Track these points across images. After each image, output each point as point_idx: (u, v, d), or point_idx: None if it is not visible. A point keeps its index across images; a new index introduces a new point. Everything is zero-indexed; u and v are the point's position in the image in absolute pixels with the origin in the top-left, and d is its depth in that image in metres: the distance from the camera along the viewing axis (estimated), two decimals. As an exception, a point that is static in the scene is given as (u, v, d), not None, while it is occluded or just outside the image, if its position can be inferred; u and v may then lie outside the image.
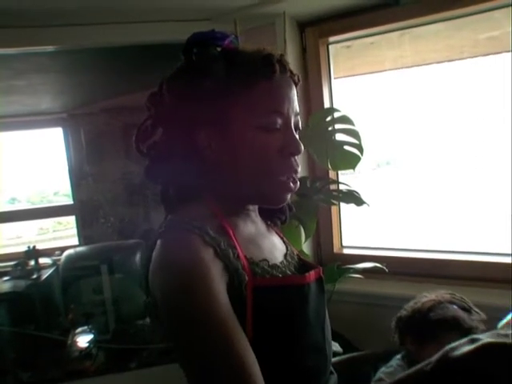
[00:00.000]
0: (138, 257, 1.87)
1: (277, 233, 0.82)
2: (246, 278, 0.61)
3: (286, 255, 0.75)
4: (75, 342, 1.81)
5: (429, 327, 1.07)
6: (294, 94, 0.69)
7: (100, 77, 2.00)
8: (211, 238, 0.60)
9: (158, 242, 0.62)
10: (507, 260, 1.46)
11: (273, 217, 0.80)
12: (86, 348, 1.76)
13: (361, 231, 2.09)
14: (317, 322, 0.69)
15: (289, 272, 0.70)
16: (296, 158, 0.68)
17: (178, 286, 0.57)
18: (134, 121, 2.48)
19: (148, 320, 1.85)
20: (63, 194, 2.86)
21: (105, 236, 2.37)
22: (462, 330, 1.03)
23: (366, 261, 1.47)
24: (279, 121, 0.66)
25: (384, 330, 1.22)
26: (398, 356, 1.15)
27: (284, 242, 0.81)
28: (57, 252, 2.26)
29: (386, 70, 1.85)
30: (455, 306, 1.10)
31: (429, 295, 1.17)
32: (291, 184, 0.68)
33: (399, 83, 1.88)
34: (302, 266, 0.76)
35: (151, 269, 0.62)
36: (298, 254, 0.80)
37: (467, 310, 1.10)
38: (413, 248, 1.70)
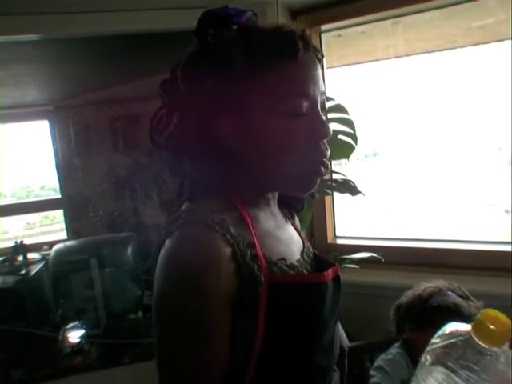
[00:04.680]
0: (129, 250, 1.85)
1: (293, 225, 0.79)
2: (262, 278, 0.58)
3: (302, 252, 0.72)
4: (66, 338, 1.78)
5: (429, 313, 1.09)
6: (320, 72, 0.64)
7: (88, 67, 1.95)
8: (232, 237, 0.57)
9: (176, 233, 0.59)
10: (506, 248, 1.47)
11: (289, 206, 0.77)
12: (78, 344, 1.73)
13: (351, 221, 2.09)
14: (330, 321, 0.67)
15: (305, 271, 0.67)
16: (325, 141, 0.65)
17: (178, 286, 0.56)
18: (124, 112, 2.45)
19: (140, 314, 1.83)
20: (50, 188, 2.81)
21: (94, 230, 2.33)
22: (462, 316, 1.04)
23: (359, 251, 1.48)
24: (305, 104, 0.62)
25: (380, 320, 1.23)
26: (397, 344, 1.16)
27: (300, 235, 0.78)
28: (45, 247, 2.23)
29: (377, 60, 1.84)
30: (454, 294, 1.12)
31: (427, 284, 1.18)
32: (322, 168, 0.64)
33: (390, 73, 1.87)
34: (318, 262, 0.74)
35: (160, 258, 0.59)
36: (313, 250, 0.77)
37: (464, 298, 1.12)
38: (407, 237, 1.71)
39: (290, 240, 0.71)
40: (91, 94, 2.28)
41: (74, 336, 1.78)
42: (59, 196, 2.51)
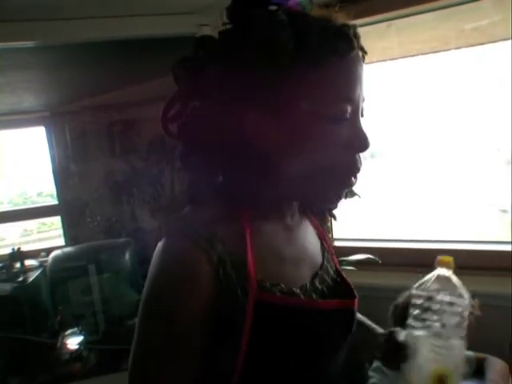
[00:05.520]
0: (126, 255, 1.84)
1: (321, 237, 0.70)
2: (245, 300, 0.54)
3: (315, 275, 0.63)
4: (65, 345, 1.77)
5: None
6: (364, 75, 0.57)
7: (84, 73, 1.95)
8: (218, 256, 0.53)
9: (159, 244, 0.56)
10: (506, 248, 1.47)
11: (319, 208, 0.69)
12: (76, 350, 1.72)
13: (347, 223, 2.10)
14: (326, 353, 0.61)
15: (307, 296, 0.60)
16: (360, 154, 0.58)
17: (154, 297, 0.55)
18: (120, 117, 2.45)
19: (139, 319, 1.83)
20: (47, 195, 2.80)
21: (92, 236, 2.32)
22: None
23: (356, 253, 1.48)
24: (349, 109, 0.55)
25: (378, 322, 1.22)
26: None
27: (325, 249, 0.69)
28: (42, 253, 2.21)
29: (372, 62, 1.85)
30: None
31: None
32: (351, 182, 0.58)
33: (386, 75, 1.88)
34: (341, 288, 0.65)
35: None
36: (338, 269, 0.69)
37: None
38: (404, 239, 1.71)
39: (301, 259, 0.64)
40: (87, 100, 2.28)
41: (73, 342, 1.77)
42: (56, 202, 2.50)
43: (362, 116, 0.59)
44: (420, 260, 1.58)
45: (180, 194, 2.10)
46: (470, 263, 1.49)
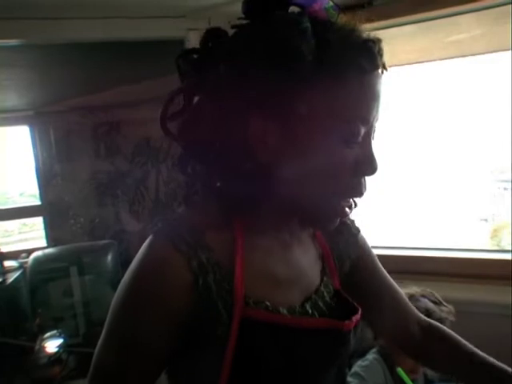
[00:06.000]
0: (109, 257, 1.83)
1: (324, 251, 0.66)
2: (226, 316, 0.52)
3: (308, 298, 0.60)
4: (43, 348, 1.74)
5: None
6: (382, 94, 0.54)
7: (69, 73, 1.94)
8: (200, 266, 0.51)
9: (146, 241, 0.54)
10: (506, 257, 1.48)
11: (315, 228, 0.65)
12: (55, 353, 1.69)
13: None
14: (313, 372, 0.58)
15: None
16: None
17: (123, 295, 0.54)
18: (106, 119, 2.43)
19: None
20: (29, 195, 2.75)
21: (74, 237, 2.30)
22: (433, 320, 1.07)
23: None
24: (362, 131, 0.52)
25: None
26: (374, 350, 1.17)
27: (324, 269, 0.65)
28: (23, 254, 2.18)
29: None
30: (426, 299, 1.16)
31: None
32: (348, 209, 0.55)
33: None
34: (342, 308, 0.62)
35: None
36: (338, 290, 0.65)
37: (437, 303, 1.16)
38: (400, 246, 1.72)
39: (294, 280, 0.60)
40: (73, 100, 2.26)
41: (52, 345, 1.74)
42: (39, 203, 2.47)
43: (373, 138, 0.55)
44: (411, 267, 1.58)
45: (165, 196, 2.09)
46: (469, 272, 1.48)
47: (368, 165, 0.53)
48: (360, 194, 0.55)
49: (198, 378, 0.56)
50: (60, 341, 1.74)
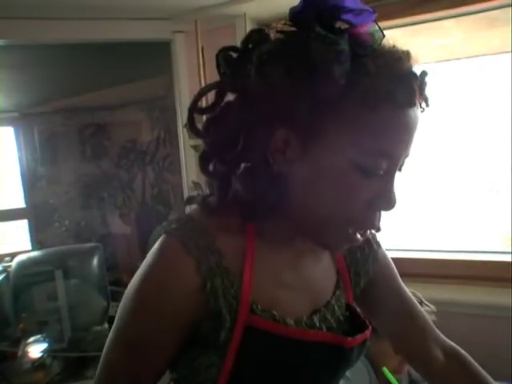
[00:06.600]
0: (95, 261, 1.81)
1: (340, 265, 0.65)
2: (229, 322, 0.52)
3: (317, 311, 0.59)
4: (27, 353, 1.71)
5: None
6: (416, 129, 0.51)
7: (55, 75, 1.92)
8: (208, 270, 0.51)
9: (158, 241, 0.54)
10: (506, 258, 1.47)
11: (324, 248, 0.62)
12: (39, 358, 1.67)
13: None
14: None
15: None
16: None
17: (132, 293, 0.55)
18: (93, 121, 2.41)
19: (106, 326, 1.79)
20: (13, 197, 2.72)
21: (60, 240, 2.27)
22: None
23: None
24: (384, 166, 0.50)
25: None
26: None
27: (338, 282, 0.64)
28: (7, 258, 2.14)
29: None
30: None
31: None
32: (359, 237, 0.54)
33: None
34: (353, 323, 0.61)
35: None
36: (350, 305, 0.64)
37: (419, 303, 1.16)
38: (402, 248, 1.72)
39: (304, 290, 0.60)
40: (58, 102, 2.24)
41: (36, 350, 1.71)
42: (24, 205, 2.43)
43: (400, 171, 0.53)
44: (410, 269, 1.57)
45: (151, 199, 2.08)
46: (468, 273, 1.47)
47: (385, 200, 0.52)
48: (373, 227, 0.54)
49: (197, 376, 0.56)
50: (44, 345, 1.72)
